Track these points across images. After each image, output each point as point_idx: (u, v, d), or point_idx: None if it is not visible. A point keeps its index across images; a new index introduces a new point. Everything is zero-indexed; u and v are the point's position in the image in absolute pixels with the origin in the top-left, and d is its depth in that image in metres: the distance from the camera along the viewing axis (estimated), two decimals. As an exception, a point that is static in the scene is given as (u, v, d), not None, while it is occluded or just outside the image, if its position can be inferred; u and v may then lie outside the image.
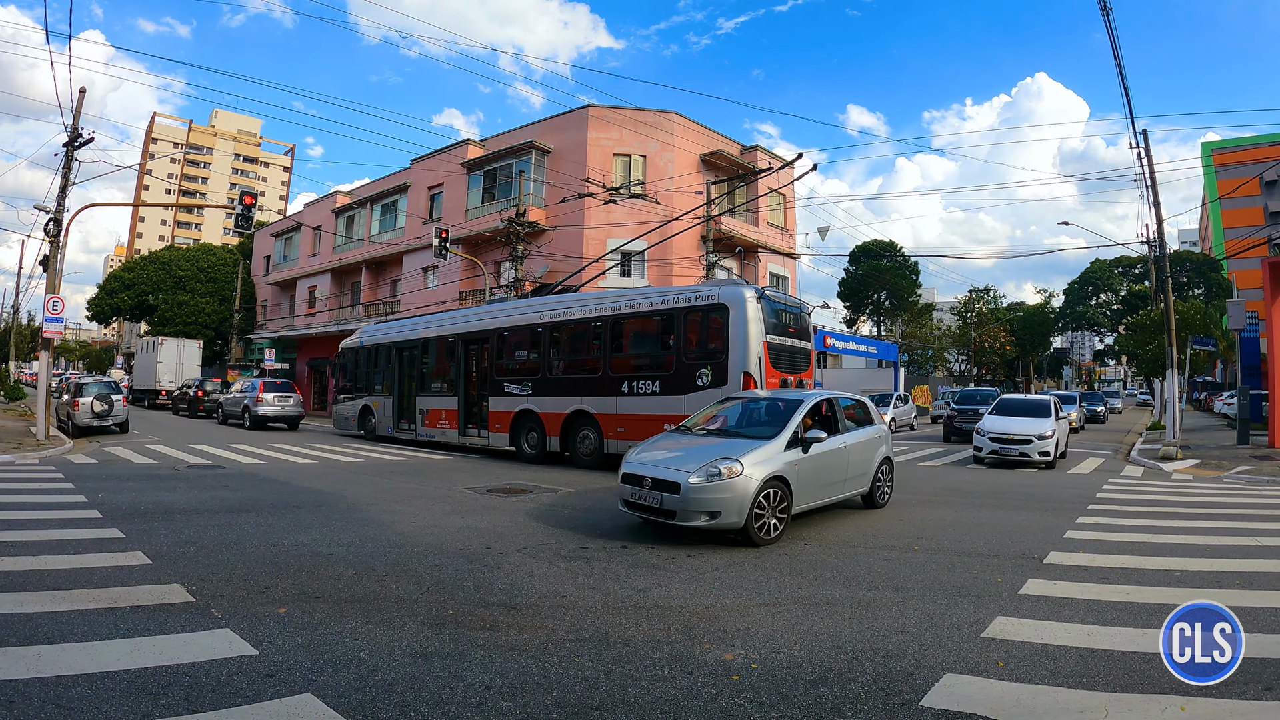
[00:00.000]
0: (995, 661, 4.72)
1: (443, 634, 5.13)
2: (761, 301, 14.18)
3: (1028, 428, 18.17)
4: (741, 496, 8.00)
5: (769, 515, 8.29)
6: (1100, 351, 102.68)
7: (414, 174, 40.47)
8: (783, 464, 8.58)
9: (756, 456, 8.40)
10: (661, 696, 4.13)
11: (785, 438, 8.85)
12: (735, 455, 8.32)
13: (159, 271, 55.62)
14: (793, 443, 8.89)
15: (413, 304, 37.94)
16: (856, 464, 10.24)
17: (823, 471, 9.41)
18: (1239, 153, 55.79)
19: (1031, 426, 18.21)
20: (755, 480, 8.11)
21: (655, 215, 28.66)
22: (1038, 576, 6.98)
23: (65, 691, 3.98)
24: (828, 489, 9.65)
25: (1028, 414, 19.21)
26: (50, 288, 20.43)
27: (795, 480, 8.66)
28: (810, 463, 9.03)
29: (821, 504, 9.71)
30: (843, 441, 9.94)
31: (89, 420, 22.53)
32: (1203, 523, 10.09)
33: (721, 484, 7.99)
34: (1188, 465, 18.16)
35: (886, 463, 11.16)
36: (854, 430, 10.38)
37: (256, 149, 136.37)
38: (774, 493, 8.37)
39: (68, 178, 20.67)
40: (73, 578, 6.24)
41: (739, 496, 7.99)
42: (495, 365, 18.86)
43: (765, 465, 8.35)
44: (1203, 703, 4.06)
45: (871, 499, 10.87)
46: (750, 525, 8.10)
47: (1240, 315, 26.60)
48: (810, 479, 9.07)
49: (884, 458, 11.06)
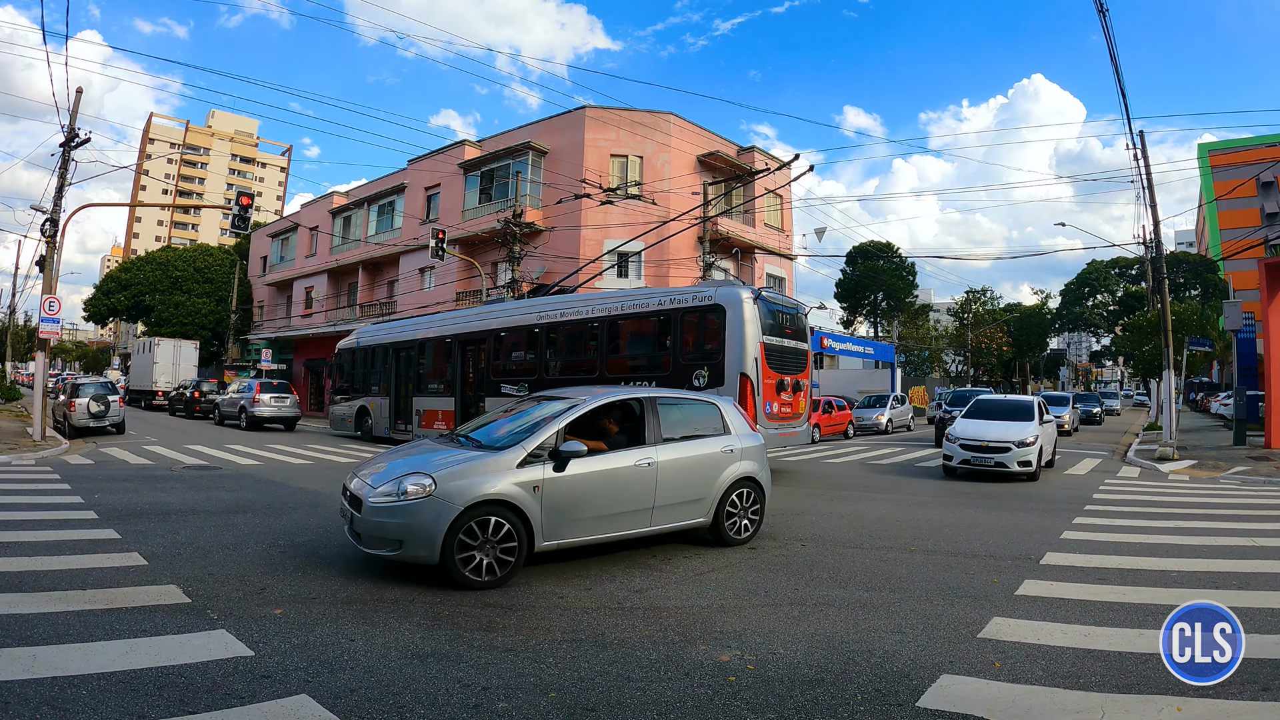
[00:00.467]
0: (992, 662, 4.73)
1: (439, 635, 5.13)
2: (758, 302, 14.18)
3: (1006, 433, 15.54)
4: (432, 524, 6.27)
5: (486, 551, 6.45)
6: (1097, 352, 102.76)
7: (411, 174, 40.45)
8: (512, 485, 6.64)
9: (465, 472, 6.63)
10: (658, 697, 4.13)
11: (525, 451, 6.86)
12: (433, 470, 6.64)
13: (156, 272, 55.59)
14: (538, 458, 6.88)
15: (409, 305, 37.92)
16: (682, 487, 7.87)
17: (602, 496, 7.29)
18: (1235, 154, 55.83)
19: (1010, 432, 15.57)
20: (457, 505, 6.32)
21: (652, 216, 28.64)
22: (1034, 577, 6.99)
23: (61, 693, 3.97)
24: (618, 519, 7.44)
25: (1007, 417, 16.61)
26: (47, 288, 20.39)
27: (541, 507, 6.74)
28: (573, 485, 6.99)
29: (612, 538, 7.47)
30: (644, 458, 7.57)
31: (85, 421, 22.50)
32: (1199, 523, 10.11)
33: (405, 506, 6.37)
34: (1184, 466, 18.17)
35: (748, 486, 8.56)
36: (680, 443, 8.02)
37: (253, 149, 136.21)
38: (495, 523, 6.49)
39: (64, 178, 20.64)
40: (69, 579, 6.23)
41: (427, 524, 6.28)
42: (492, 366, 18.86)
43: (479, 484, 6.52)
44: (1199, 703, 4.06)
45: (720, 532, 8.28)
46: (452, 562, 6.31)
47: (1237, 316, 26.55)
48: (575, 505, 7.05)
49: (741, 479, 8.45)
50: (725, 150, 35.82)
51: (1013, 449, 15.12)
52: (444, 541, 6.27)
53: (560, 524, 6.93)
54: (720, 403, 8.91)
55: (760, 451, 8.89)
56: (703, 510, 8.12)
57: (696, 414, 8.64)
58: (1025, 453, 15.09)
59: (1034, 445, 15.25)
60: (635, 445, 7.72)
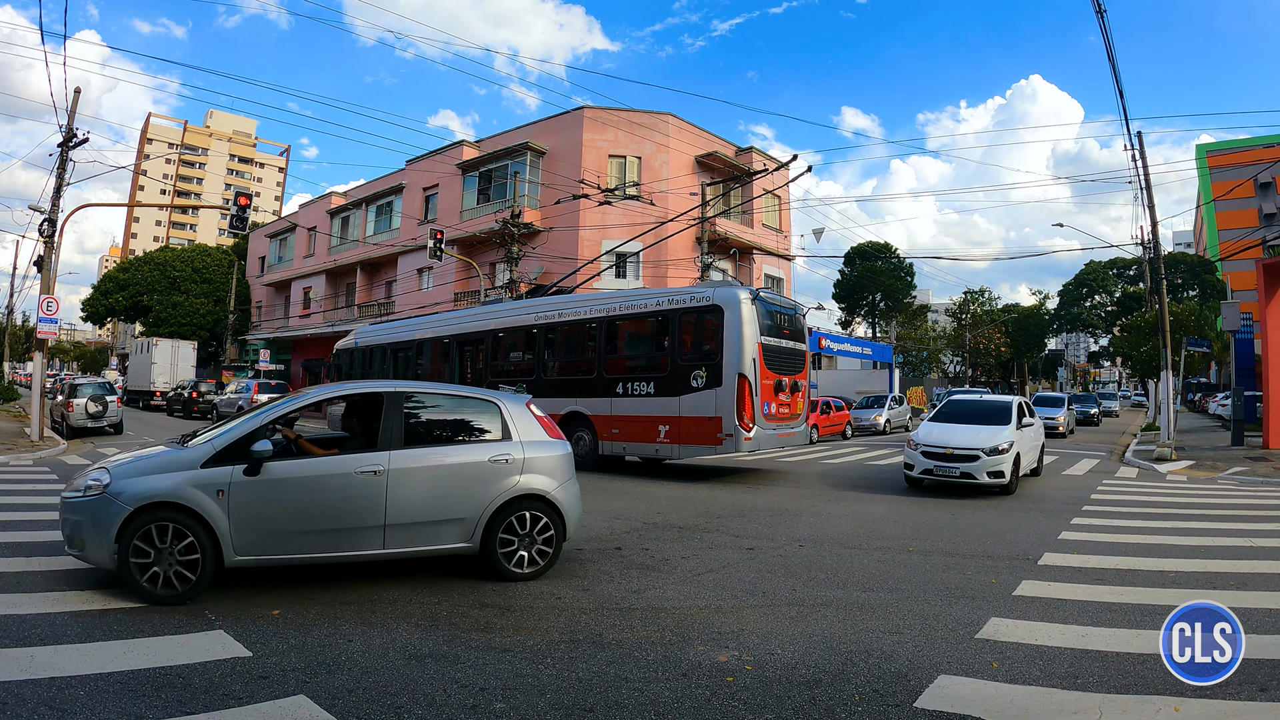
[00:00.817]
0: (989, 663, 4.73)
1: (436, 635, 5.12)
2: (756, 303, 14.19)
3: (975, 439, 13.27)
4: (104, 525, 5.67)
5: (165, 562, 5.73)
6: (1095, 353, 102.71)
7: (409, 175, 40.50)
8: (189, 486, 5.87)
9: (142, 469, 6.03)
10: (655, 698, 4.13)
11: (213, 449, 6.07)
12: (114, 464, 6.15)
13: (154, 272, 55.62)
14: (230, 458, 6.02)
15: (408, 305, 37.98)
16: (427, 503, 6.58)
17: (312, 508, 6.25)
18: (1233, 155, 55.92)
19: (981, 437, 13.32)
20: (126, 506, 5.67)
21: (650, 217, 28.67)
22: (1032, 578, 7.00)
23: (59, 693, 3.97)
24: (337, 538, 6.31)
25: (980, 420, 14.27)
26: (45, 288, 20.37)
27: (229, 515, 5.88)
28: (270, 492, 6.08)
29: (331, 559, 6.41)
30: (369, 465, 6.40)
31: (83, 421, 22.51)
32: (1197, 524, 10.11)
33: (83, 503, 5.86)
34: (1182, 466, 18.18)
35: (534, 507, 6.94)
36: (429, 448, 6.86)
37: (252, 149, 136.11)
38: (175, 530, 5.75)
39: (62, 178, 20.64)
40: (66, 579, 6.24)
41: (100, 525, 5.69)
42: (490, 367, 18.84)
43: (153, 484, 5.85)
44: (1196, 703, 4.06)
45: (492, 563, 6.73)
46: (126, 570, 5.66)
47: (1235, 317, 26.62)
48: (276, 517, 6.11)
49: (522, 496, 6.90)
50: (723, 151, 35.87)
51: (982, 457, 12.89)
52: (118, 546, 5.63)
53: (257, 537, 6.01)
54: (504, 401, 7.32)
55: (560, 463, 7.25)
56: (463, 534, 6.65)
57: (465, 414, 7.36)
58: (997, 461, 12.91)
59: (1008, 453, 13.12)
60: (371, 448, 6.59)
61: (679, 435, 14.54)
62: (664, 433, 14.75)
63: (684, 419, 14.45)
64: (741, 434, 13.49)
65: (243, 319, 53.91)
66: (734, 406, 13.69)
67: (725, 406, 13.82)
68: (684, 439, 14.47)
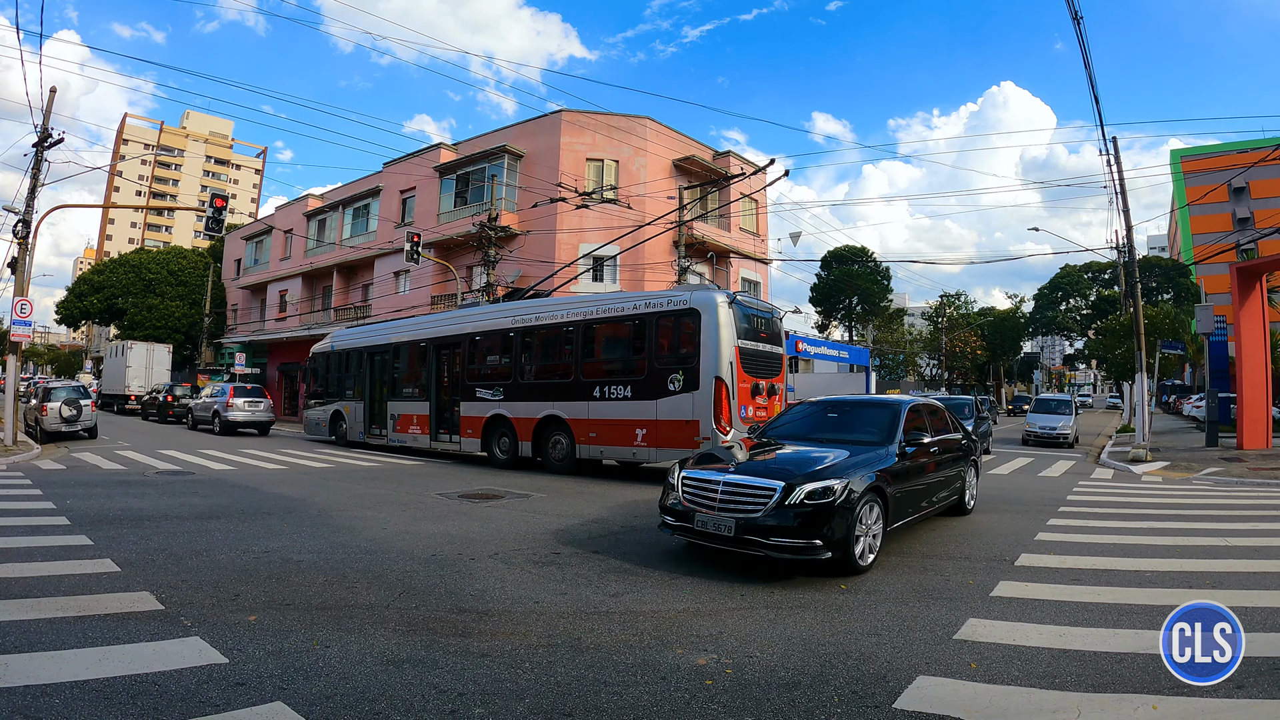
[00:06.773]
0: (968, 663, 4.75)
1: (414, 641, 5.08)
2: (733, 306, 14.22)
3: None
4: None
5: None
6: (1070, 356, 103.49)
7: (386, 178, 40.27)
8: None
9: None
10: (634, 702, 4.11)
11: None
12: None
13: (129, 274, 54.95)
14: None
15: (384, 308, 37.75)
16: None
17: None
18: (1207, 160, 56.71)
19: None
20: None
21: (628, 220, 28.66)
22: (1009, 578, 7.03)
23: (33, 701, 3.90)
24: None
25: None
26: (18, 290, 20.14)
27: None
28: None
29: None
30: None
31: (57, 425, 22.28)
32: (1172, 524, 10.22)
33: None
34: (1157, 467, 18.38)
35: None
36: None
37: (228, 151, 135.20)
38: None
39: (37, 178, 20.44)
40: (40, 585, 6.14)
41: None
42: (467, 370, 18.79)
43: None
44: (1174, 701, 4.10)
45: None
46: None
47: (1209, 320, 26.90)
48: None
49: None
50: (701, 155, 35.87)
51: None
52: None
53: None
54: None
55: None
56: None
57: None
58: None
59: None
60: None
61: (656, 439, 14.55)
62: (641, 436, 14.74)
63: (661, 422, 14.45)
64: (719, 437, 13.50)
65: (218, 322, 53.40)
66: (711, 410, 13.71)
67: (702, 410, 13.84)
68: (661, 442, 14.48)
